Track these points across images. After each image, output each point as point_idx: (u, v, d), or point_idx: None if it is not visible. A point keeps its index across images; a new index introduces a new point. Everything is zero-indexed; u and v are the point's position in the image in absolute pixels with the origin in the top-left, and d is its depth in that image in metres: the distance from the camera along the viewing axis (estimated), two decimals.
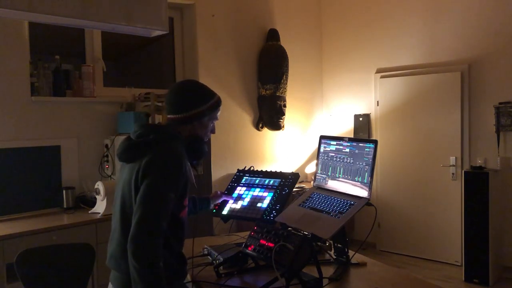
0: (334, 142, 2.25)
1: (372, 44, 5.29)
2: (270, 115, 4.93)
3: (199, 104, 1.75)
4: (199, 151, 1.77)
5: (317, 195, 2.21)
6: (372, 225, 2.24)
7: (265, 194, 2.25)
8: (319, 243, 2.16)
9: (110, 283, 1.71)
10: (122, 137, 2.66)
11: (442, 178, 4.73)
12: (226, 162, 4.63)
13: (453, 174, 4.65)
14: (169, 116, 1.77)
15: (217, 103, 1.81)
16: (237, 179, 2.44)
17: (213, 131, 1.86)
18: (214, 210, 2.29)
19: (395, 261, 4.79)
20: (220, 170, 4.52)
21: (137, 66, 4.86)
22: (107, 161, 3.65)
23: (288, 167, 5.26)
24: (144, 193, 1.55)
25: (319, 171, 2.30)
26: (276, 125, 4.99)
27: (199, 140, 1.77)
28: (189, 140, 1.75)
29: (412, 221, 4.98)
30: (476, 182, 4.14)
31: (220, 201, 2.30)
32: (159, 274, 1.50)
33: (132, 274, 1.50)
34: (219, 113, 1.84)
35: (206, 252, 2.18)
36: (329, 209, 2.05)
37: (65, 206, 3.43)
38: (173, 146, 1.65)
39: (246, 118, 4.91)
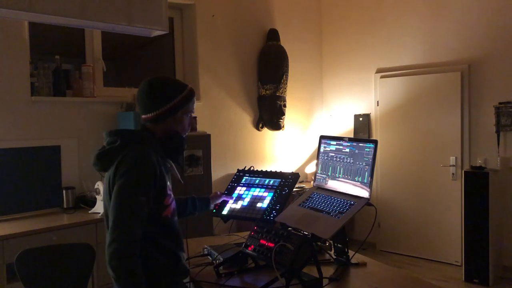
0: (334, 142, 2.25)
1: (372, 44, 5.29)
2: (270, 115, 4.93)
3: (167, 100, 1.69)
4: (177, 147, 1.73)
5: (317, 195, 2.21)
6: (372, 225, 2.24)
7: (265, 194, 2.25)
8: (319, 243, 2.16)
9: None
10: None
11: (442, 178, 4.73)
12: (226, 162, 4.63)
13: (453, 174, 4.65)
14: (142, 116, 1.74)
15: (188, 95, 1.74)
16: (237, 179, 2.44)
17: (190, 125, 1.81)
18: (214, 210, 2.29)
19: (395, 261, 4.79)
20: (220, 170, 4.52)
21: (137, 66, 4.86)
22: None
23: (288, 167, 5.26)
24: (113, 200, 1.54)
25: (319, 171, 2.30)
26: (276, 125, 4.99)
27: (176, 136, 1.73)
28: (165, 138, 1.72)
29: (412, 221, 4.98)
30: (476, 182, 4.14)
31: (219, 201, 2.30)
32: (135, 280, 1.48)
33: (112, 280, 1.50)
34: (193, 106, 1.78)
35: (206, 252, 2.18)
36: (329, 209, 2.05)
37: (65, 206, 3.43)
38: (139, 148, 1.62)
39: (246, 118, 4.91)
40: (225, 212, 2.27)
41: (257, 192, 2.29)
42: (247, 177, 2.41)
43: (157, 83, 1.73)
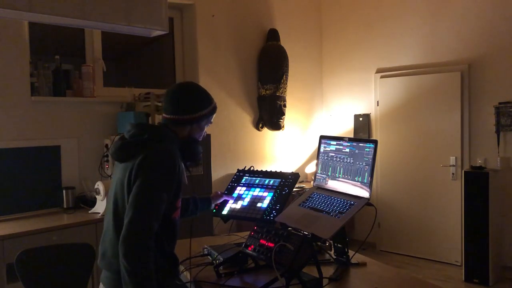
0: (334, 142, 2.25)
1: (372, 44, 5.29)
2: (270, 115, 4.93)
3: (202, 107, 1.76)
4: (195, 153, 1.78)
5: (317, 195, 2.21)
6: (372, 225, 2.24)
7: (265, 194, 2.25)
8: (319, 243, 2.16)
9: (101, 283, 1.70)
10: None
11: (442, 178, 4.73)
12: (226, 162, 4.63)
13: (453, 174, 4.65)
14: (168, 116, 1.76)
15: (215, 107, 1.84)
16: (237, 179, 2.43)
17: (204, 135, 1.88)
18: (214, 210, 2.29)
19: (395, 261, 4.79)
20: (220, 170, 4.52)
21: (137, 66, 4.86)
22: (107, 161, 3.65)
23: (288, 167, 5.26)
24: (136, 193, 1.54)
25: (319, 171, 2.30)
26: (276, 125, 4.99)
27: (196, 142, 1.79)
28: (186, 142, 1.75)
29: (412, 221, 4.98)
30: (476, 182, 4.14)
31: (221, 201, 2.30)
32: (149, 275, 1.49)
33: (123, 274, 1.49)
34: (213, 118, 1.87)
35: (206, 252, 2.18)
36: (329, 209, 2.05)
37: (65, 206, 3.43)
38: (167, 146, 1.64)
39: (246, 118, 4.91)
40: (225, 212, 2.27)
41: (257, 192, 2.29)
42: (247, 177, 2.41)
43: (194, 89, 1.81)
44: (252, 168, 2.46)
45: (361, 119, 5.37)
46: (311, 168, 5.38)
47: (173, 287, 1.73)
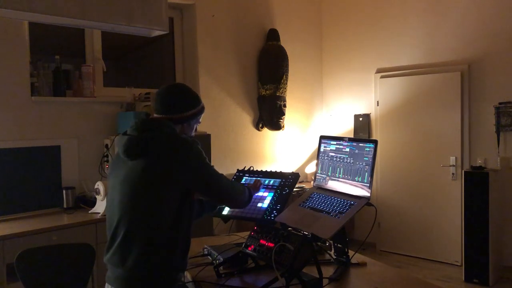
0: (334, 142, 2.25)
1: (372, 44, 5.29)
2: (270, 115, 4.93)
3: (192, 106, 1.84)
4: None
5: (317, 195, 2.21)
6: (372, 225, 2.24)
7: (265, 194, 2.24)
8: (319, 243, 2.16)
9: (107, 284, 1.67)
10: None
11: (442, 178, 4.73)
12: (226, 162, 4.62)
13: (453, 174, 4.65)
14: (160, 116, 1.79)
15: (203, 107, 1.93)
16: (237, 179, 2.43)
17: (193, 134, 1.96)
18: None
19: (395, 261, 4.79)
20: (220, 170, 4.40)
21: (137, 66, 4.85)
22: (107, 161, 3.65)
23: (288, 167, 5.26)
24: (208, 180, 1.85)
25: (319, 171, 2.30)
26: (276, 125, 4.99)
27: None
28: None
29: (412, 221, 4.98)
30: (476, 182, 4.14)
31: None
32: (247, 193, 2.03)
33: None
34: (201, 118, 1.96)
35: (206, 252, 2.18)
36: (329, 209, 2.05)
37: (65, 206, 3.43)
38: (181, 136, 1.75)
39: (246, 118, 4.91)
40: (225, 212, 2.26)
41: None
42: (247, 177, 2.41)
43: (184, 89, 1.88)
44: (252, 168, 2.46)
45: (361, 119, 5.37)
46: (311, 168, 5.38)
47: (177, 286, 1.73)
